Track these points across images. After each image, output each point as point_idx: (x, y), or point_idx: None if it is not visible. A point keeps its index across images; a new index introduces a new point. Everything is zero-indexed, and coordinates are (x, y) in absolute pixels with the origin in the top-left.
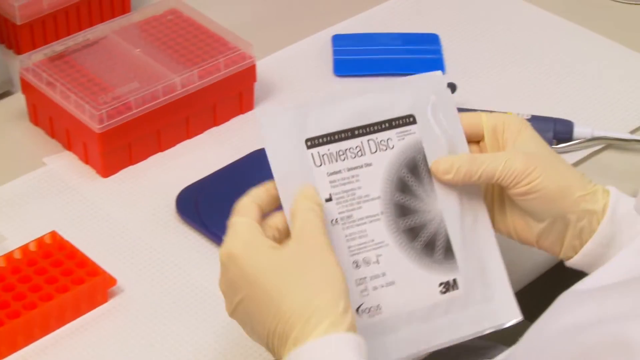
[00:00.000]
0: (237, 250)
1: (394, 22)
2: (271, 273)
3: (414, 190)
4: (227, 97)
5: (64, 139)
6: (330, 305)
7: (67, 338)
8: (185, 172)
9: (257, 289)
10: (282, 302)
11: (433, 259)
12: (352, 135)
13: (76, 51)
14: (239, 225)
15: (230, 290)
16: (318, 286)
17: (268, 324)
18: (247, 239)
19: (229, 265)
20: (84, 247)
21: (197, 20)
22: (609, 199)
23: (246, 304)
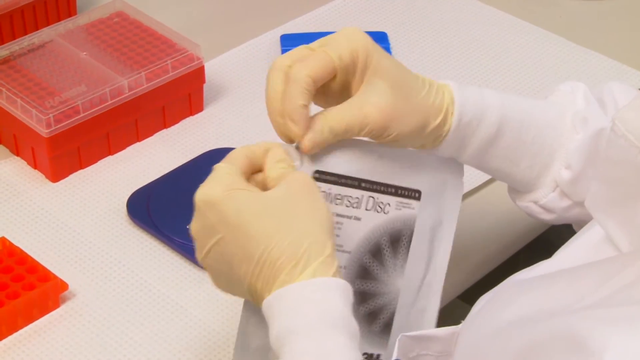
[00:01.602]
0: (215, 194)
1: (342, 21)
2: (255, 215)
3: (385, 261)
4: (176, 99)
5: (11, 144)
6: (319, 248)
7: (19, 345)
8: (136, 175)
9: (237, 231)
10: (268, 244)
11: (370, 328)
12: (358, 186)
13: (22, 55)
14: (221, 169)
15: (205, 234)
16: (307, 227)
17: (252, 267)
18: (228, 183)
19: (205, 210)
20: (35, 253)
21: (144, 23)
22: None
23: (223, 247)
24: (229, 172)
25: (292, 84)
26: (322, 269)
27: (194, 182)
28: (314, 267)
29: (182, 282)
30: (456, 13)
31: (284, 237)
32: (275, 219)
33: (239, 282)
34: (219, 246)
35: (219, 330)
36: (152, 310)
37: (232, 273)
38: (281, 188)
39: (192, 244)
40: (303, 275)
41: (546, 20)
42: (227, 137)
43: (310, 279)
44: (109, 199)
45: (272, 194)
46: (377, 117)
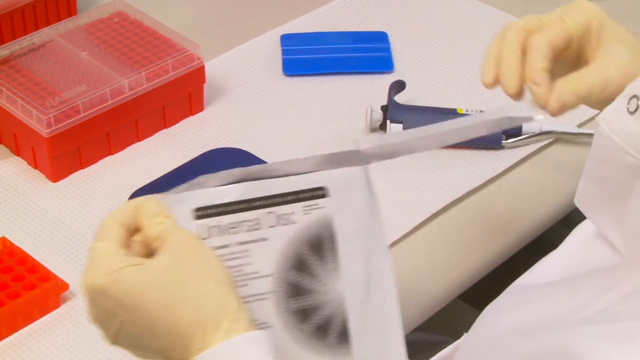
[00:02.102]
0: (101, 281)
1: (342, 20)
2: (147, 292)
3: (313, 269)
4: (176, 99)
5: (11, 144)
6: (223, 306)
7: (19, 344)
8: (136, 175)
9: (136, 312)
10: (170, 318)
11: (325, 342)
12: (250, 207)
13: (22, 55)
14: (97, 250)
15: (105, 320)
16: (204, 290)
17: (162, 343)
18: (109, 265)
19: (96, 298)
20: (35, 253)
21: (144, 23)
22: None
23: (127, 329)
24: (104, 252)
25: (532, 50)
26: (234, 326)
27: None
28: (225, 327)
29: None
30: (456, 13)
31: (183, 307)
32: (168, 290)
33: (158, 355)
34: (123, 328)
35: None
36: None
37: (147, 349)
38: (166, 255)
39: None
40: (216, 338)
41: None
42: (228, 137)
43: (225, 342)
44: (109, 199)
45: (157, 264)
46: (620, 77)
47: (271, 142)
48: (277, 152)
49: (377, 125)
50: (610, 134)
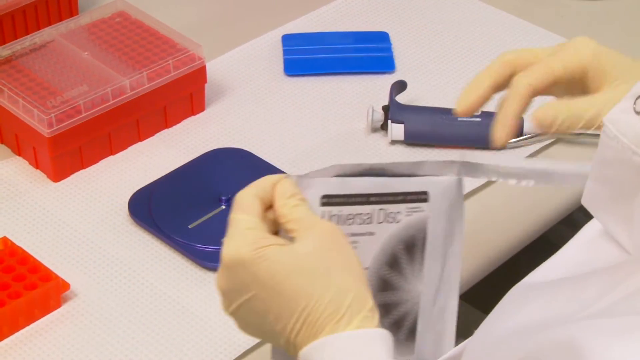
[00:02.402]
0: (244, 254)
1: (344, 21)
2: (291, 274)
3: (402, 268)
4: (177, 99)
5: (13, 144)
6: (361, 302)
7: (20, 344)
8: (137, 175)
9: (272, 291)
10: (308, 302)
11: (397, 337)
12: (367, 202)
13: (23, 55)
14: (241, 223)
15: (235, 291)
16: (346, 282)
17: (291, 325)
18: (254, 240)
19: (235, 269)
20: (36, 253)
21: (146, 23)
22: None
23: (255, 304)
24: (250, 225)
25: (511, 90)
26: (365, 324)
27: (196, 182)
28: (357, 322)
29: (184, 281)
30: (458, 13)
31: (323, 294)
32: (311, 276)
33: (274, 335)
34: (250, 303)
35: (220, 330)
36: (154, 309)
37: (265, 326)
38: (310, 242)
39: (194, 243)
40: (347, 329)
41: (547, 19)
42: (229, 137)
43: (354, 330)
44: (110, 199)
45: (302, 248)
46: None
47: (272, 142)
48: (278, 152)
49: (378, 126)
50: (618, 135)
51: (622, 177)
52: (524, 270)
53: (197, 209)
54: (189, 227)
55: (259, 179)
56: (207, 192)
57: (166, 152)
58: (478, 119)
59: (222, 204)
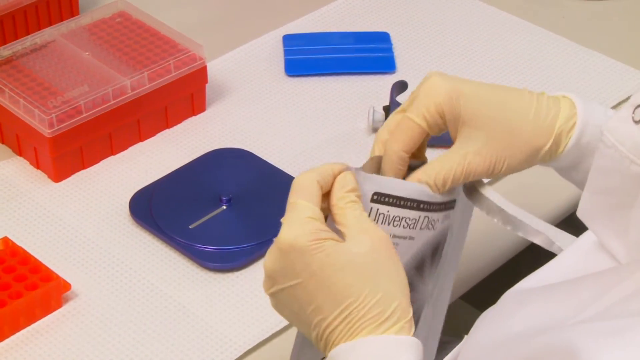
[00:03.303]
0: (302, 242)
1: (345, 21)
2: (343, 270)
3: (424, 271)
4: (178, 99)
5: (14, 144)
6: (404, 311)
7: (21, 344)
8: (138, 175)
9: (322, 283)
10: (356, 299)
11: None
12: (417, 208)
13: (24, 55)
14: (303, 209)
15: (283, 275)
16: (393, 290)
17: (330, 318)
18: (313, 230)
19: (290, 254)
20: (37, 253)
21: (146, 23)
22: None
23: (299, 291)
24: (310, 214)
25: (386, 158)
26: (403, 332)
27: (196, 182)
28: (396, 329)
29: (184, 281)
30: (458, 13)
31: (371, 294)
32: (362, 276)
33: (307, 326)
34: (295, 289)
35: (221, 330)
36: (155, 310)
37: (301, 315)
38: (364, 244)
39: (194, 244)
40: (386, 334)
41: (548, 20)
42: (230, 137)
43: (390, 335)
44: (111, 199)
45: (357, 248)
46: (480, 165)
47: (273, 142)
48: (279, 152)
49: (379, 126)
50: (616, 144)
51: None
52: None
53: (198, 209)
54: (190, 228)
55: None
56: (208, 192)
57: (167, 152)
58: None
59: (222, 204)
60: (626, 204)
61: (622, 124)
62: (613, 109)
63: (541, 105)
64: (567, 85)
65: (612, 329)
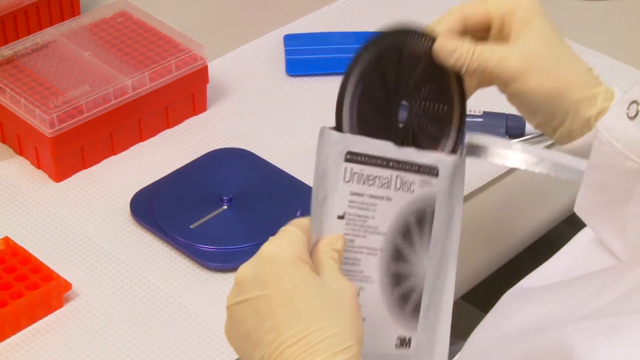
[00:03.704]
0: (283, 255)
1: (346, 21)
2: (312, 294)
3: (413, 240)
4: (179, 99)
5: (15, 144)
6: (354, 355)
7: (22, 344)
8: (139, 175)
9: (287, 300)
10: (314, 324)
11: (403, 312)
12: (386, 166)
13: (25, 55)
14: (294, 235)
15: (252, 283)
16: (355, 329)
17: (283, 338)
18: (298, 251)
19: (267, 263)
20: (38, 253)
21: (148, 23)
22: (609, 104)
23: (262, 304)
24: (300, 240)
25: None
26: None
27: (197, 182)
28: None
29: (185, 281)
30: None
31: (331, 325)
32: (328, 307)
33: (255, 345)
34: (259, 301)
35: (222, 330)
36: (155, 309)
37: (253, 333)
38: (333, 282)
39: (195, 244)
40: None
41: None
42: (231, 137)
43: None
44: (112, 199)
45: (330, 283)
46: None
47: (274, 142)
48: (280, 152)
49: None
50: (611, 140)
51: (615, 183)
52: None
53: (199, 209)
54: (191, 227)
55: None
56: (209, 192)
57: (168, 152)
58: (480, 119)
59: (223, 204)
60: (622, 200)
61: (616, 120)
62: None
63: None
64: None
65: (609, 327)
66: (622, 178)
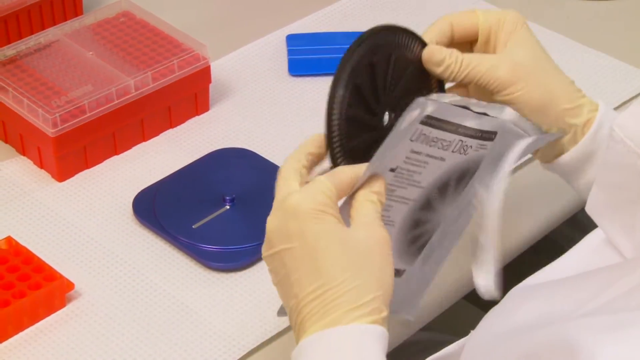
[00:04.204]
0: (305, 207)
1: (349, 20)
2: (333, 246)
3: (447, 194)
4: (182, 99)
5: (17, 143)
6: (379, 307)
7: (24, 344)
8: (142, 175)
9: (310, 252)
10: (333, 279)
11: (409, 249)
12: (455, 131)
13: (28, 55)
14: (321, 185)
15: (279, 236)
16: (377, 280)
17: (308, 291)
18: (322, 202)
19: (290, 215)
20: (41, 252)
21: (150, 22)
22: (595, 114)
23: (289, 256)
24: (326, 191)
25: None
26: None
27: (200, 181)
28: (369, 320)
29: (188, 281)
30: None
31: (351, 279)
32: (349, 259)
33: (285, 295)
34: (285, 254)
35: (224, 330)
36: (158, 310)
37: (284, 283)
38: (363, 233)
39: (198, 243)
40: (356, 322)
41: (552, 20)
42: (233, 137)
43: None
44: (114, 199)
45: (354, 234)
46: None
47: (277, 142)
48: (282, 152)
49: None
50: (625, 139)
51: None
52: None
53: (202, 209)
54: (193, 227)
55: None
56: (211, 192)
57: (170, 152)
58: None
59: (226, 204)
60: (633, 200)
61: (631, 119)
62: (617, 109)
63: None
64: None
65: (613, 324)
66: (634, 178)
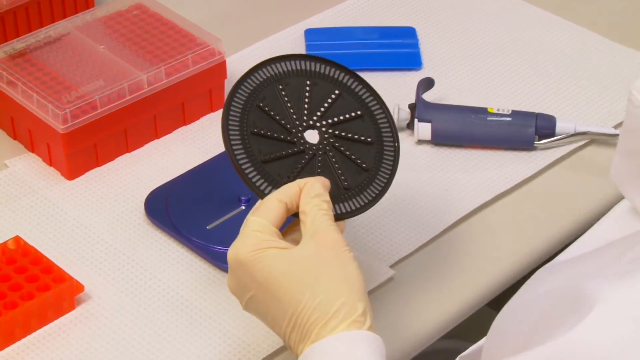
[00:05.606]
0: (243, 254)
1: (369, 15)
2: (283, 276)
3: None
4: (196, 95)
5: (26, 140)
6: (350, 309)
7: (32, 347)
8: (154, 174)
9: (267, 292)
10: (297, 305)
11: None
12: None
13: (38, 48)
14: (252, 224)
15: (239, 290)
16: (337, 288)
17: (284, 326)
18: (257, 242)
19: (236, 268)
20: (50, 253)
21: (164, 16)
22: None
23: (256, 304)
24: (258, 228)
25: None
26: (353, 328)
27: (214, 181)
28: (344, 326)
29: (201, 284)
30: (488, 8)
31: (313, 297)
32: (303, 279)
33: (277, 334)
34: (252, 302)
35: (236, 333)
36: (170, 313)
37: (268, 324)
38: (310, 246)
39: (212, 245)
40: (336, 331)
41: (585, 16)
42: None
43: (344, 332)
44: (126, 198)
45: (300, 252)
46: None
47: None
48: None
49: (404, 125)
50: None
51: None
52: None
53: (216, 209)
54: (207, 228)
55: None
56: (226, 191)
57: (184, 150)
58: (508, 119)
59: (241, 204)
60: None
61: None
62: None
63: None
64: (600, 83)
65: (622, 273)
66: None
